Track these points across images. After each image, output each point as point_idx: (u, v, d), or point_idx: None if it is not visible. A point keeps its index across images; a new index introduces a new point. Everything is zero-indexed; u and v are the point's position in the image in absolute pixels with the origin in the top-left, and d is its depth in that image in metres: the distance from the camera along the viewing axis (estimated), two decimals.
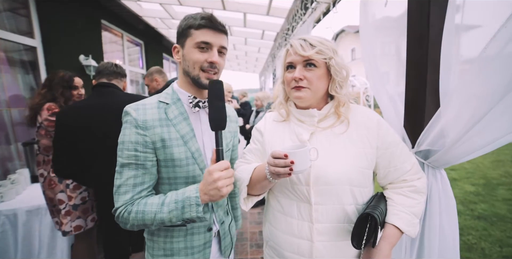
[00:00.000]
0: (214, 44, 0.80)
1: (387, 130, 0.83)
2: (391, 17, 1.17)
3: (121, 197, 0.76)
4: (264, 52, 7.34)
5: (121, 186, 0.77)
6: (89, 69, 3.37)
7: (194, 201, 0.72)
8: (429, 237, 0.91)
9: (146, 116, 0.79)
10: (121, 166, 0.78)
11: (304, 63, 0.81)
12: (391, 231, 0.79)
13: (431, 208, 0.91)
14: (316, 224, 0.81)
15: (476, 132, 0.77)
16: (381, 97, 1.18)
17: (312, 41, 0.81)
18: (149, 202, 0.76)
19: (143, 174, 0.78)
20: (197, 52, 0.79)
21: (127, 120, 0.79)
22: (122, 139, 0.78)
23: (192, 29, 0.79)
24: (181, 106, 0.84)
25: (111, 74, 1.58)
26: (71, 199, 1.70)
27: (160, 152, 0.79)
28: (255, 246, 2.53)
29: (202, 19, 0.78)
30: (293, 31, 3.65)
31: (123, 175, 0.77)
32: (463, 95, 0.78)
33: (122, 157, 0.78)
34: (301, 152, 0.70)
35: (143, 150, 0.77)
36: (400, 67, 1.18)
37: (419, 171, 0.86)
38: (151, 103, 0.82)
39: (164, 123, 0.80)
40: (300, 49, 0.80)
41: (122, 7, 3.96)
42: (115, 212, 0.77)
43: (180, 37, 0.83)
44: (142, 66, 5.74)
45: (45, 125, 1.68)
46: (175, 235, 0.86)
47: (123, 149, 0.78)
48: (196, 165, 0.83)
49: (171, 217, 0.73)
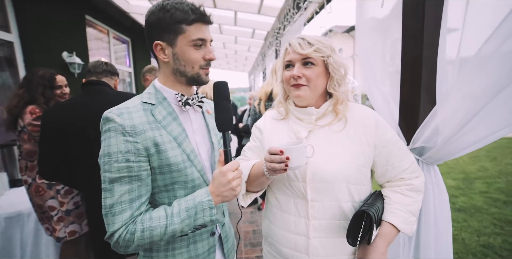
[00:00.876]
0: (207, 39, 0.75)
1: (385, 128, 0.85)
2: (381, 17, 1.21)
3: (117, 217, 0.66)
4: (254, 51, 7.33)
5: (115, 205, 0.66)
6: (73, 67, 3.22)
7: (207, 204, 0.68)
8: (424, 231, 0.95)
9: (133, 120, 0.69)
10: (110, 182, 0.67)
11: (302, 61, 0.83)
12: (387, 229, 0.80)
13: (426, 202, 0.95)
14: (313, 220, 0.82)
15: (469, 129, 0.81)
16: (374, 96, 1.22)
17: (310, 39, 0.82)
18: (154, 216, 0.68)
19: (139, 186, 0.70)
20: (193, 50, 0.73)
21: (110, 127, 0.68)
22: (107, 151, 0.67)
23: (184, 25, 0.70)
24: (168, 106, 0.77)
25: (101, 72, 1.54)
26: (63, 204, 1.63)
27: (154, 158, 0.71)
28: (249, 245, 2.54)
29: (193, 12, 0.70)
30: (284, 30, 3.67)
31: (114, 192, 0.66)
32: (459, 93, 0.81)
33: (111, 171, 0.66)
34: (296, 148, 0.71)
35: (136, 160, 0.68)
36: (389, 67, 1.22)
37: (417, 169, 0.87)
38: (135, 105, 0.73)
39: (154, 126, 0.72)
40: (299, 47, 0.81)
41: (108, 2, 3.81)
42: (112, 237, 0.66)
43: (164, 32, 0.71)
44: (129, 64, 5.56)
45: (29, 129, 1.59)
46: (177, 247, 0.79)
47: (110, 161, 0.66)
48: (194, 168, 0.77)
49: (183, 227, 0.68)
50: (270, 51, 5.24)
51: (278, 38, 4.12)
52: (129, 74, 5.55)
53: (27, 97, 1.64)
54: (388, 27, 1.21)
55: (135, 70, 5.51)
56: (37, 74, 1.70)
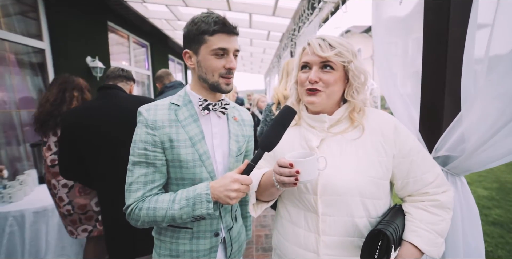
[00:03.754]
0: (230, 49, 0.79)
1: (406, 136, 0.77)
2: (401, 16, 1.13)
3: (133, 194, 0.78)
4: (270, 53, 7.30)
5: (133, 183, 0.78)
6: (95, 71, 3.39)
7: (205, 198, 0.73)
8: (452, 254, 0.84)
9: (156, 116, 0.80)
10: (133, 164, 0.79)
11: (321, 64, 0.76)
12: (408, 250, 0.71)
13: (452, 218, 0.85)
14: (323, 236, 0.76)
15: (502, 136, 0.71)
16: (392, 99, 1.13)
17: (331, 41, 0.75)
18: (160, 199, 0.77)
19: (154, 172, 0.80)
20: (214, 59, 0.78)
21: (139, 120, 0.81)
22: (134, 138, 0.81)
23: (206, 35, 0.77)
24: (192, 108, 0.85)
25: (116, 77, 1.66)
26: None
27: (168, 152, 0.80)
28: (261, 249, 2.49)
29: (215, 24, 0.76)
30: (300, 32, 3.60)
31: (134, 173, 0.79)
32: (487, 96, 0.72)
33: (134, 155, 0.79)
34: (307, 161, 0.65)
35: (152, 149, 0.78)
36: (410, 68, 1.13)
37: (445, 183, 0.77)
38: (163, 104, 0.84)
39: (173, 124, 0.80)
40: (319, 49, 0.75)
41: (128, 8, 3.99)
42: (127, 209, 0.79)
43: (191, 42, 0.81)
44: (148, 68, 5.78)
45: None
46: (180, 237, 0.86)
47: (134, 147, 0.80)
48: (204, 168, 0.82)
49: (182, 214, 0.74)
50: (285, 52, 5.18)
51: (293, 40, 4.06)
52: (148, 77, 5.76)
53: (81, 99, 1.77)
54: (409, 25, 1.13)
55: (153, 73, 5.71)
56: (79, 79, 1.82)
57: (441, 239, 0.73)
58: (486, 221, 2.97)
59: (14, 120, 2.56)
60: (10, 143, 2.54)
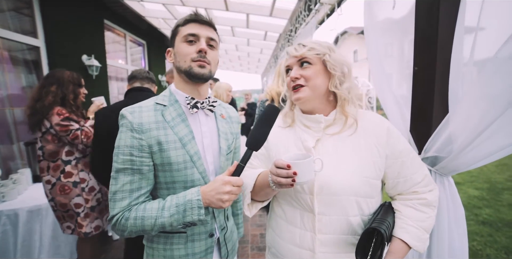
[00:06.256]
0: (201, 35, 0.80)
1: (398, 138, 0.80)
2: (397, 17, 1.15)
3: (118, 203, 0.74)
4: (267, 53, 7.32)
5: (117, 192, 0.74)
6: (91, 69, 3.36)
7: (196, 204, 0.71)
8: (437, 249, 0.88)
9: (142, 118, 0.76)
10: (116, 171, 0.75)
11: (298, 63, 0.82)
12: (398, 246, 0.76)
13: (439, 217, 0.88)
14: (319, 234, 0.78)
15: (486, 137, 0.74)
16: (386, 100, 1.15)
17: (305, 42, 0.82)
18: (148, 207, 0.74)
19: (140, 179, 0.76)
20: (185, 45, 0.79)
21: (122, 123, 0.77)
22: (117, 143, 0.76)
23: (179, 27, 0.81)
24: (179, 108, 0.82)
25: (144, 79, 1.64)
26: (88, 201, 1.75)
27: (157, 156, 0.76)
28: (256, 249, 2.51)
29: (189, 16, 0.80)
30: (296, 33, 3.63)
31: (118, 181, 0.74)
32: (473, 98, 0.75)
33: (118, 162, 0.75)
34: (304, 163, 0.66)
35: (139, 154, 0.74)
36: (405, 69, 1.16)
37: (431, 183, 0.81)
38: (148, 106, 0.80)
39: (161, 125, 0.77)
40: (294, 51, 0.82)
41: (125, 7, 3.96)
42: (111, 220, 0.74)
43: (171, 39, 0.84)
44: (145, 66, 5.74)
45: (58, 130, 1.65)
46: (175, 242, 0.83)
47: (118, 153, 0.75)
48: (195, 169, 0.80)
49: (172, 221, 0.71)
50: (282, 53, 5.20)
51: (290, 41, 4.08)
52: None
53: (60, 93, 1.70)
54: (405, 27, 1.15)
55: None
56: (66, 73, 1.78)
57: (427, 234, 0.77)
58: (476, 220, 3.03)
59: (7, 118, 2.53)
60: (3, 141, 2.51)
